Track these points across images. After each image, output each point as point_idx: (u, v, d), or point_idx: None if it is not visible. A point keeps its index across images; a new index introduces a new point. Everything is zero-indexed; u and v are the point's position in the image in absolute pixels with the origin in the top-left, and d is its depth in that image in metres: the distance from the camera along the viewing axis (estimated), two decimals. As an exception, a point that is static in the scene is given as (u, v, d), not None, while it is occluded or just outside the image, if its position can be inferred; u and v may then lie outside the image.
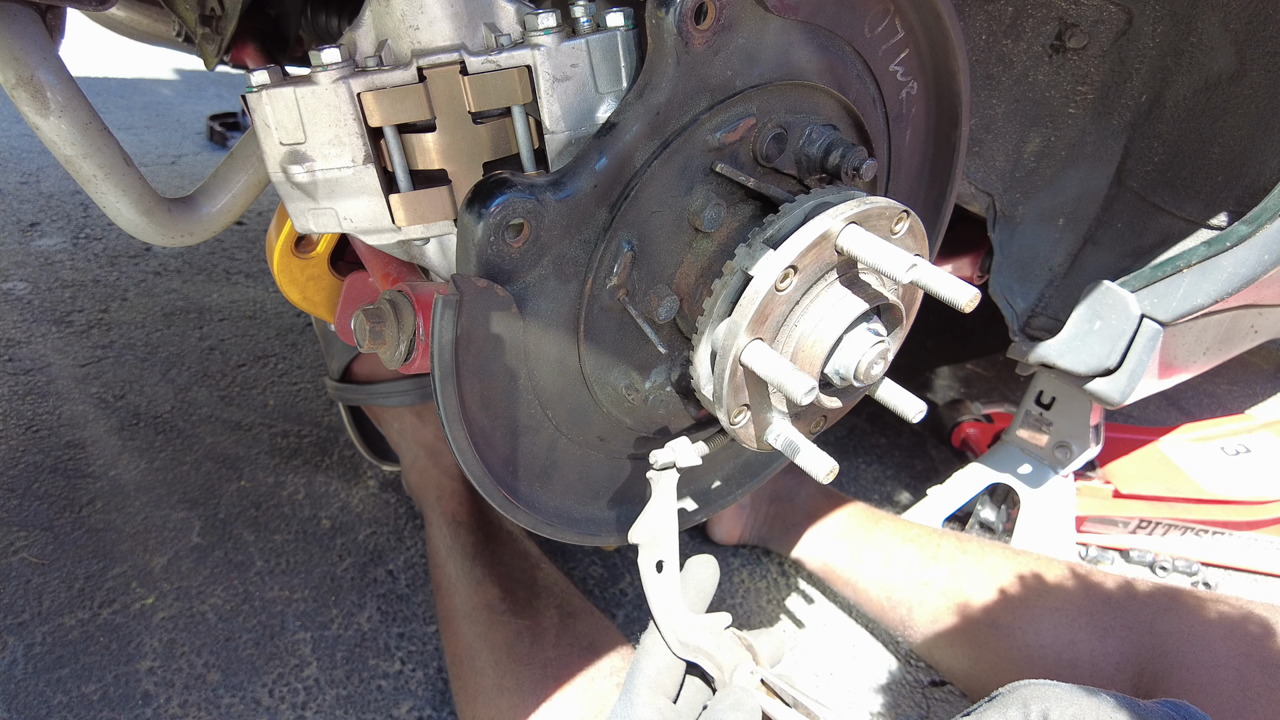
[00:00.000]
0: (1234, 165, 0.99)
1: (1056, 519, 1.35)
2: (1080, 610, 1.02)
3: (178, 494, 1.36)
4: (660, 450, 0.65)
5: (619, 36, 0.57)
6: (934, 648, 1.15)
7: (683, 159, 0.59)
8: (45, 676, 1.05)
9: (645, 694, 0.62)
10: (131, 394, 1.58)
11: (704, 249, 0.63)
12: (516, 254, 0.54)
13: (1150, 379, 1.04)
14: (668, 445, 0.65)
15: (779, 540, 1.32)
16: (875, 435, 1.73)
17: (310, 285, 0.97)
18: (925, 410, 0.62)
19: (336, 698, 1.08)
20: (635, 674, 0.64)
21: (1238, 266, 0.92)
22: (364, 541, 1.32)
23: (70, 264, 2.03)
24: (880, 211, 0.58)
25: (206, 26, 0.72)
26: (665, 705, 0.62)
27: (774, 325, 0.58)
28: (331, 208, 0.61)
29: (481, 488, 0.60)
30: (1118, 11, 0.96)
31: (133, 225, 0.76)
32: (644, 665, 0.64)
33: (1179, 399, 1.92)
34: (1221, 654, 0.90)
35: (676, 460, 0.65)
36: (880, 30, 0.67)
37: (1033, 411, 1.37)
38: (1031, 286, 1.14)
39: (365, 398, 1.29)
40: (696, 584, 0.69)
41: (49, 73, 0.67)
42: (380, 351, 0.63)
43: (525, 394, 0.61)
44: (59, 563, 1.21)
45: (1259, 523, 1.40)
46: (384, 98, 0.56)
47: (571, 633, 0.99)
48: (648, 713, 0.61)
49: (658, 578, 0.65)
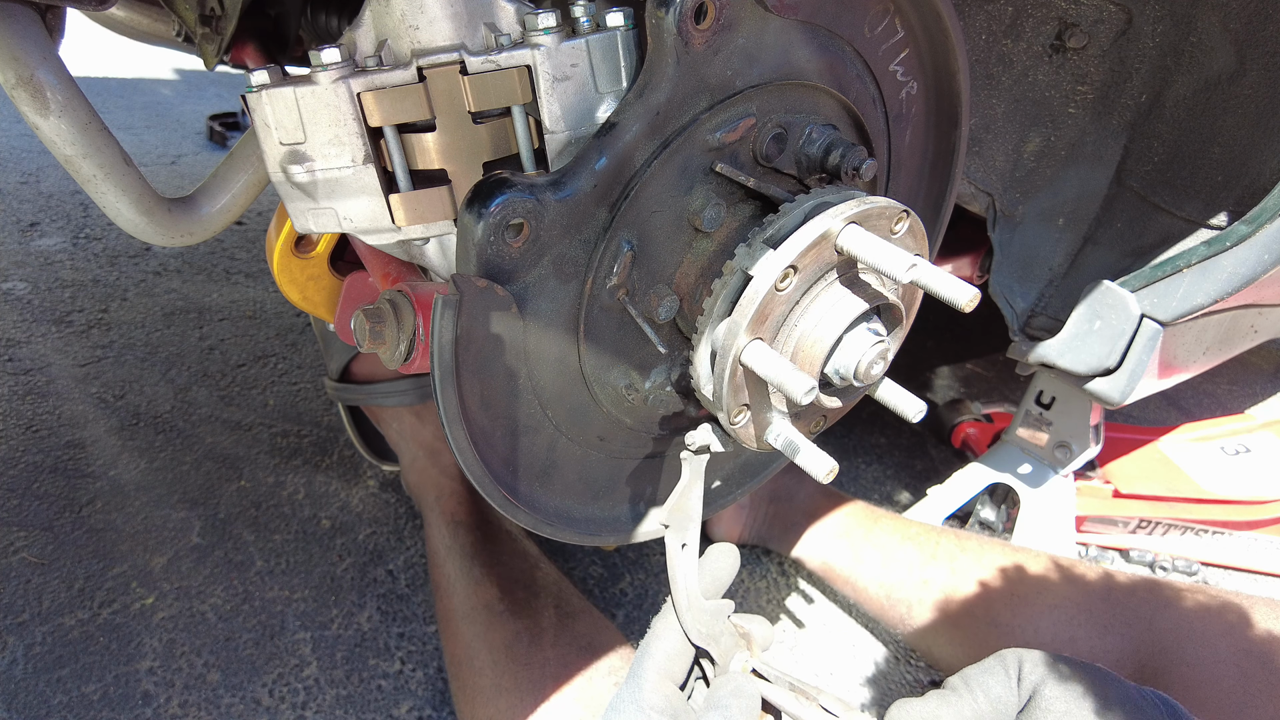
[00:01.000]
0: (1234, 165, 0.99)
1: (1056, 519, 1.35)
2: (1079, 607, 1.02)
3: (178, 494, 1.36)
4: (695, 432, 0.65)
5: (619, 36, 0.57)
6: (934, 646, 1.15)
7: (683, 159, 0.59)
8: (45, 676, 1.05)
9: (654, 678, 0.61)
10: (131, 394, 1.58)
11: (704, 249, 0.63)
12: (516, 254, 0.54)
13: (1150, 379, 1.04)
14: (701, 428, 0.65)
15: (779, 540, 1.32)
16: (875, 435, 1.73)
17: (310, 285, 0.97)
18: (925, 410, 0.62)
19: (336, 697, 1.08)
20: (644, 657, 0.63)
21: (1238, 266, 0.92)
22: (364, 541, 1.32)
23: (70, 264, 2.03)
24: (880, 211, 0.58)
25: (206, 26, 0.72)
26: (672, 691, 0.62)
27: (774, 325, 0.58)
28: (331, 207, 0.61)
29: (481, 488, 0.60)
30: (1118, 11, 0.96)
31: (133, 225, 0.76)
32: (654, 649, 0.63)
33: (1179, 399, 1.92)
34: (1222, 650, 0.90)
35: (711, 444, 0.65)
36: (880, 30, 0.67)
37: (1033, 411, 1.37)
38: (1031, 286, 1.14)
39: (365, 398, 1.29)
40: (714, 571, 0.69)
41: (49, 73, 0.67)
42: (380, 351, 0.63)
43: (525, 394, 0.61)
44: (59, 563, 1.21)
45: (1259, 522, 1.40)
46: (384, 98, 0.56)
47: (570, 633, 0.99)
48: (654, 697, 0.60)
49: (683, 560, 0.65)
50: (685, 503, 0.65)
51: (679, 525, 0.65)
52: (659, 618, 0.66)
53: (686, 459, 0.65)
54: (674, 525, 0.65)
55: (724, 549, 0.71)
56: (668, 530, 0.65)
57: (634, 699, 0.60)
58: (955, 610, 1.11)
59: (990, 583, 1.10)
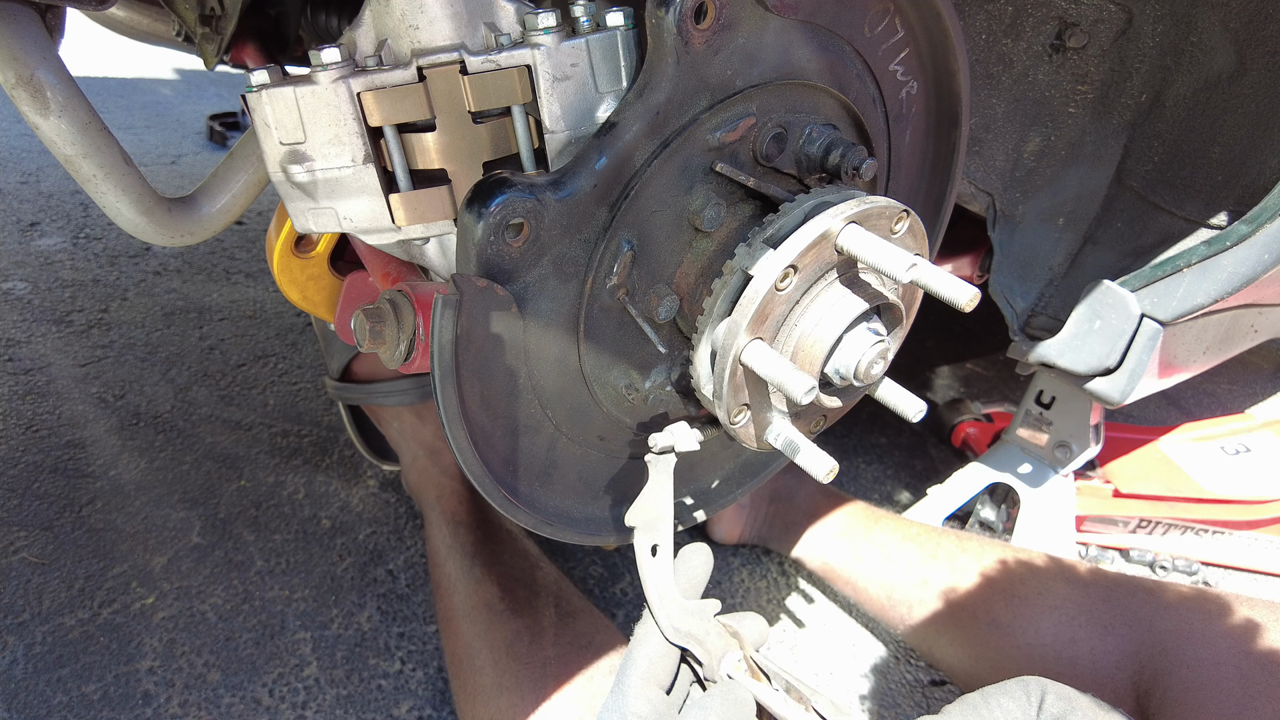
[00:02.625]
0: (1234, 164, 0.99)
1: (1056, 518, 1.35)
2: (1080, 608, 1.02)
3: (178, 494, 1.36)
4: (659, 434, 0.65)
5: (619, 36, 0.57)
6: (934, 646, 1.15)
7: (683, 158, 0.59)
8: (45, 676, 1.05)
9: (637, 684, 0.61)
10: (131, 394, 1.58)
11: (704, 248, 0.62)
12: (516, 253, 0.54)
13: (1150, 378, 1.04)
14: (666, 429, 0.65)
15: (779, 539, 1.32)
16: (875, 435, 1.73)
17: (310, 285, 0.97)
18: (925, 410, 0.62)
19: (336, 697, 1.08)
20: (628, 664, 0.63)
21: (1238, 266, 0.92)
22: (364, 541, 1.32)
23: (70, 264, 2.03)
24: (880, 211, 0.58)
25: (206, 26, 0.72)
26: (658, 696, 0.62)
27: (774, 325, 0.58)
28: (331, 207, 0.61)
29: (481, 487, 0.60)
30: (1118, 11, 0.96)
31: (133, 225, 0.76)
32: (636, 655, 0.63)
33: (1179, 398, 1.92)
34: (1222, 652, 0.90)
35: (675, 444, 0.65)
36: (880, 30, 0.67)
37: (1033, 411, 1.37)
38: (1031, 286, 1.14)
39: (365, 397, 1.29)
40: (689, 571, 0.69)
41: (49, 72, 0.67)
42: (380, 351, 0.63)
43: (525, 393, 0.61)
44: (59, 563, 1.21)
45: (1259, 522, 1.40)
46: (384, 97, 0.56)
47: (570, 632, 0.99)
48: (639, 704, 0.60)
49: (652, 562, 0.65)
50: (653, 504, 0.65)
51: (647, 527, 0.65)
52: (640, 624, 0.66)
53: (652, 461, 0.65)
54: (642, 527, 0.65)
55: (695, 549, 0.71)
56: (636, 532, 0.65)
57: (618, 707, 0.60)
58: (956, 610, 1.11)
59: (991, 583, 1.10)
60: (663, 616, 0.64)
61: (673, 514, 0.66)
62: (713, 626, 0.65)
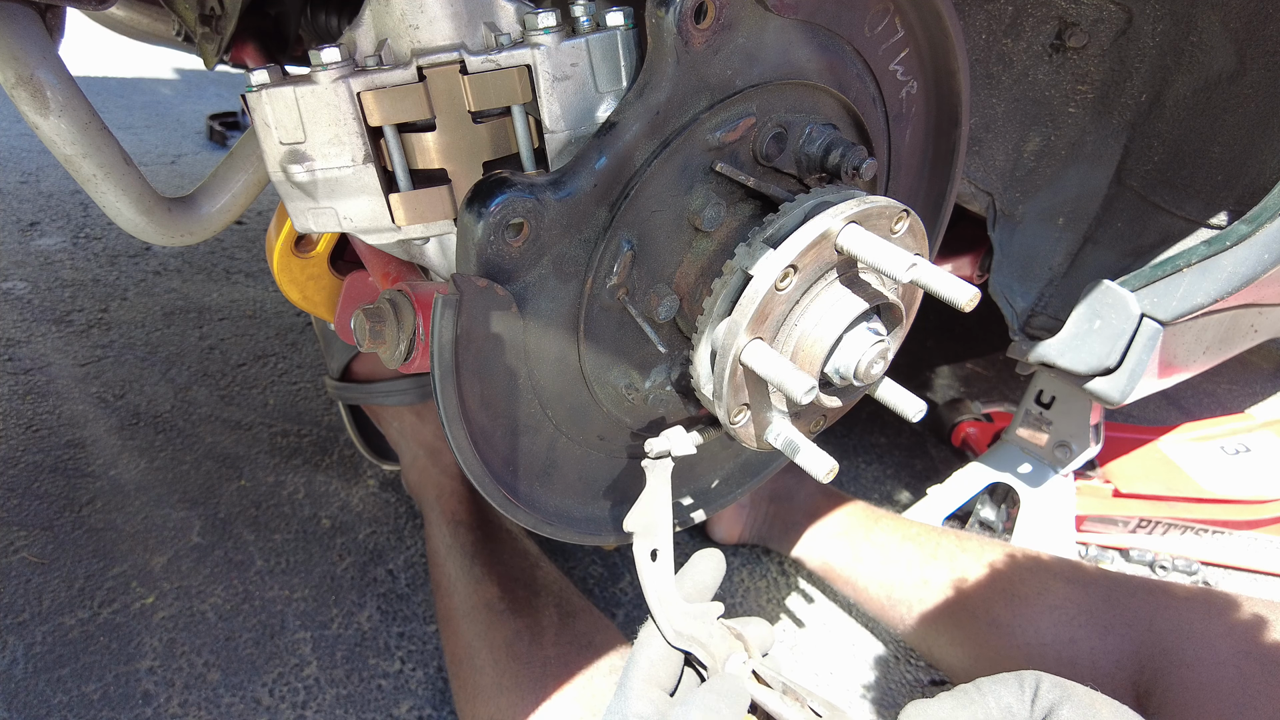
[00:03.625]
0: (1234, 164, 0.99)
1: (1056, 518, 1.35)
2: (1080, 608, 1.02)
3: (178, 493, 1.36)
4: (655, 439, 0.65)
5: (619, 36, 0.57)
6: (934, 645, 1.15)
7: (682, 158, 0.58)
8: (45, 676, 1.05)
9: (639, 687, 0.62)
10: (131, 394, 1.58)
11: (704, 248, 0.62)
12: (516, 253, 0.54)
13: (1150, 378, 1.04)
14: (663, 434, 0.65)
15: (779, 539, 1.32)
16: (875, 435, 1.73)
17: (310, 285, 0.98)
18: (925, 409, 0.62)
19: (336, 697, 1.08)
20: (630, 667, 0.64)
21: (1237, 266, 0.92)
22: (364, 541, 1.32)
23: (70, 263, 2.03)
24: (880, 211, 0.58)
25: (206, 26, 0.72)
26: (660, 698, 0.62)
27: (774, 324, 0.58)
28: (331, 207, 0.61)
29: (481, 487, 0.60)
30: (1118, 11, 0.96)
31: (133, 225, 0.76)
32: (639, 658, 0.64)
33: (1179, 398, 1.92)
34: (1222, 651, 0.90)
35: (672, 449, 0.65)
36: (880, 29, 0.67)
37: (1033, 411, 1.37)
38: (1031, 286, 1.14)
39: (365, 397, 1.29)
40: (696, 577, 0.69)
41: (49, 72, 0.67)
42: (380, 351, 0.63)
43: (525, 393, 0.61)
44: (59, 562, 1.21)
45: (1259, 522, 1.40)
46: (384, 97, 0.56)
47: (570, 631, 0.99)
48: (641, 706, 0.60)
49: (652, 566, 0.65)
50: (651, 509, 0.65)
51: (646, 532, 0.65)
52: (643, 627, 0.66)
53: (649, 466, 0.65)
54: (640, 532, 0.65)
55: (707, 554, 0.71)
56: (634, 537, 0.65)
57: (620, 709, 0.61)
58: (955, 610, 1.11)
59: (991, 583, 1.10)
60: (663, 620, 0.64)
61: (671, 518, 0.66)
62: (716, 630, 0.65)
